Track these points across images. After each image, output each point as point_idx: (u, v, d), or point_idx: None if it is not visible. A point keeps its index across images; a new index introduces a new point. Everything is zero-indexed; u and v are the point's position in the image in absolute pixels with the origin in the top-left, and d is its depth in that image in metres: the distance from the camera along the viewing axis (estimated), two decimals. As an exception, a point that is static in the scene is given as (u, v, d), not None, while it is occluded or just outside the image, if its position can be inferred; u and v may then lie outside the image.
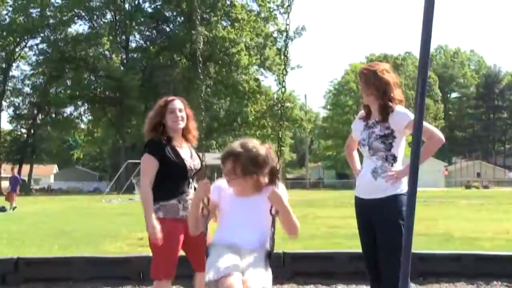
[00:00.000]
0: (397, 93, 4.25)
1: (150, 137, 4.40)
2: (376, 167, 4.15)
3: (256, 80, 63.39)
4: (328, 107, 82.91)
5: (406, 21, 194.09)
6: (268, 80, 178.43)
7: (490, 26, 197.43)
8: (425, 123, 4.27)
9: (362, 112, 4.43)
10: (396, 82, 4.30)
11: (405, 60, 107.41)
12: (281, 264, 6.88)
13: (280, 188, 3.38)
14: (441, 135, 4.13)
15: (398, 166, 4.19)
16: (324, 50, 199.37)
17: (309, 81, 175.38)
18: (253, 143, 3.41)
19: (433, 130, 4.17)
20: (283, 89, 3.80)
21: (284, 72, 3.92)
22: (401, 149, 4.25)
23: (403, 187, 4.14)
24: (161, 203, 4.22)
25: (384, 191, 4.10)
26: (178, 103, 4.47)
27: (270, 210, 3.33)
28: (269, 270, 3.20)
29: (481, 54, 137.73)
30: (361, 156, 4.55)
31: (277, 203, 3.29)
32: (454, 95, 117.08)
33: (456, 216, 16.37)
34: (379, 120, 4.19)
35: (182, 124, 4.42)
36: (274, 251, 3.34)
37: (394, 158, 4.18)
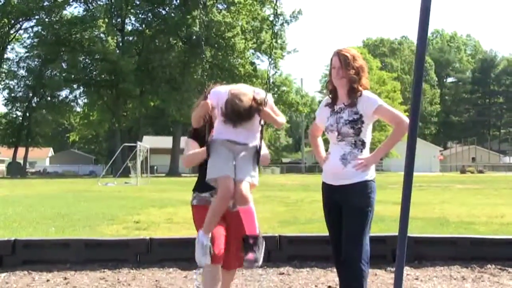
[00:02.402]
0: (367, 80, 4.25)
1: (194, 126, 4.24)
2: (345, 153, 4.13)
3: (252, 64, 63.20)
4: (324, 91, 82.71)
5: (402, 5, 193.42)
6: (264, 64, 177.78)
7: (487, 10, 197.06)
8: (391, 109, 4.29)
9: (327, 99, 4.38)
10: (366, 69, 4.31)
11: (402, 44, 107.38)
12: (277, 248, 6.93)
13: (268, 97, 4.00)
14: (408, 121, 4.10)
15: (366, 152, 4.19)
16: (321, 34, 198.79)
17: (305, 65, 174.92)
18: (242, 96, 3.85)
19: (401, 116, 4.19)
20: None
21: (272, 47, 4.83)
22: (369, 135, 4.25)
23: (371, 173, 4.17)
24: (196, 193, 4.32)
25: (353, 177, 4.09)
26: None
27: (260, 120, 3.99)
28: (256, 167, 3.95)
29: (477, 38, 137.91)
30: (325, 142, 4.56)
31: (266, 115, 3.95)
32: (450, 79, 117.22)
33: (451, 201, 16.47)
34: (347, 105, 4.15)
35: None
36: (271, 235, 3.57)
37: (363, 144, 4.17)
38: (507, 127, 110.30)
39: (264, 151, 4.15)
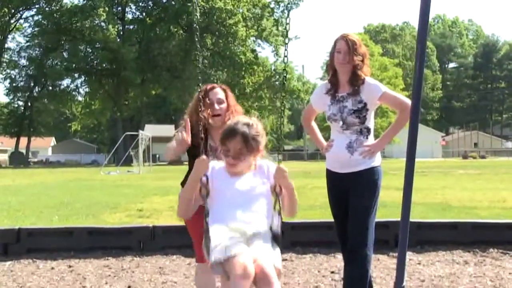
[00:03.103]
0: (368, 68, 4.23)
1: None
2: (351, 141, 4.11)
3: (253, 51, 63.09)
4: (326, 77, 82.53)
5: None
6: (265, 51, 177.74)
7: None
8: (396, 94, 4.28)
9: (326, 84, 4.31)
10: (368, 56, 4.29)
11: (403, 30, 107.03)
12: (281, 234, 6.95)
13: (273, 165, 3.20)
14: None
15: (371, 138, 4.19)
16: (322, 20, 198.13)
17: (307, 52, 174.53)
18: (252, 119, 3.22)
19: (406, 100, 4.15)
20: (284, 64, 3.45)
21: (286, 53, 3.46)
22: (373, 120, 4.26)
23: (377, 159, 4.18)
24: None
25: (360, 165, 4.09)
26: (218, 93, 3.94)
27: (274, 188, 3.10)
28: (278, 250, 3.01)
29: (479, 23, 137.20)
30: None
31: (283, 180, 3.09)
32: (452, 65, 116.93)
33: (454, 186, 16.49)
34: (351, 93, 4.12)
35: (219, 119, 3.85)
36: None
37: (368, 130, 4.16)
38: (509, 112, 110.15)
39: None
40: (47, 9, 59.58)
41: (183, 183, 3.86)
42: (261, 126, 3.23)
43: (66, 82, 64.49)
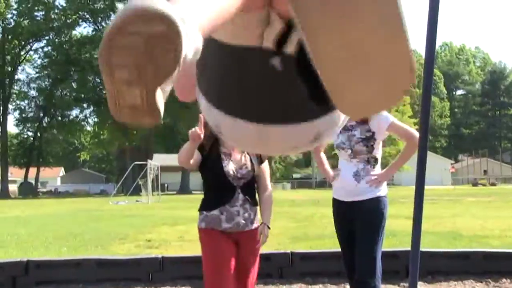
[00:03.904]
0: None
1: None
2: (358, 170, 4.14)
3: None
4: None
5: (409, 18, 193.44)
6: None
7: (495, 22, 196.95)
8: (403, 125, 4.32)
9: None
10: None
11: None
12: (290, 264, 6.90)
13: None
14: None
15: (378, 167, 4.23)
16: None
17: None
18: None
19: (413, 131, 4.21)
20: None
21: None
22: (380, 150, 4.29)
23: (383, 189, 4.20)
24: (204, 213, 3.90)
25: (366, 193, 4.11)
26: None
27: None
28: None
29: (486, 51, 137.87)
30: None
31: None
32: (459, 92, 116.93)
33: (464, 214, 16.37)
34: (359, 122, 4.16)
35: None
36: (282, 252, 3.42)
37: (376, 160, 4.19)
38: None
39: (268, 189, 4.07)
40: (56, 40, 60.30)
41: (202, 208, 3.95)
42: None
43: (75, 112, 65.00)
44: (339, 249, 4.39)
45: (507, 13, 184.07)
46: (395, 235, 9.26)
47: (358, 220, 4.13)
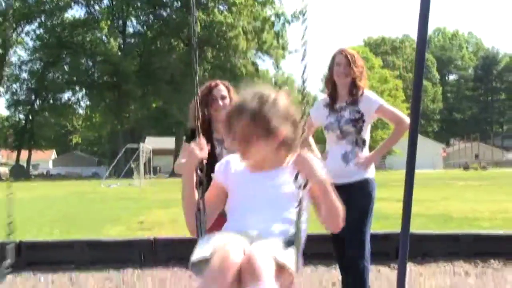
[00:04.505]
0: (366, 80, 4.30)
1: (191, 126, 4.01)
2: (346, 151, 4.17)
3: (254, 64, 63.28)
4: (325, 91, 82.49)
5: (403, 3, 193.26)
6: (266, 64, 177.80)
7: (488, 8, 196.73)
8: (392, 108, 4.35)
9: (325, 99, 4.40)
10: (365, 70, 4.37)
11: (403, 42, 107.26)
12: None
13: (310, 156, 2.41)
14: (408, 121, 4.10)
15: (366, 150, 4.27)
16: (322, 33, 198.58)
17: (307, 65, 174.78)
18: (270, 90, 2.51)
19: (402, 115, 4.25)
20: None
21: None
22: (369, 133, 4.32)
23: (371, 171, 4.25)
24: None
25: (354, 175, 4.15)
26: (221, 90, 4.10)
27: (300, 185, 2.34)
28: (290, 250, 2.28)
29: (479, 36, 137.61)
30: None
31: (307, 169, 2.33)
32: (452, 77, 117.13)
33: (455, 197, 16.44)
34: (349, 103, 4.20)
35: (223, 113, 3.73)
36: None
37: (364, 142, 4.23)
38: (509, 124, 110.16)
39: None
40: (48, 23, 59.83)
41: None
42: (287, 103, 2.52)
43: (67, 95, 64.74)
44: (329, 232, 4.42)
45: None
46: (387, 218, 9.30)
47: (347, 202, 4.15)
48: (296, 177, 2.35)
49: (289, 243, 2.29)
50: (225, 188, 2.59)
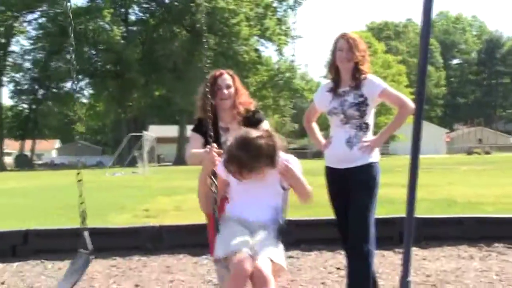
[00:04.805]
0: (369, 64, 4.30)
1: (198, 115, 4.15)
2: (350, 136, 4.16)
3: (257, 50, 63.12)
4: (329, 76, 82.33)
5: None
6: (268, 51, 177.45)
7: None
8: (396, 92, 4.34)
9: (328, 83, 4.40)
10: (368, 54, 4.36)
11: (406, 27, 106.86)
12: (286, 232, 6.98)
13: (291, 159, 3.40)
14: (412, 104, 4.11)
15: (370, 134, 4.24)
16: (325, 19, 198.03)
17: (310, 51, 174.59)
18: (251, 138, 3.21)
19: (405, 98, 4.23)
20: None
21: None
22: (372, 117, 4.30)
23: (376, 156, 4.23)
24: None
25: (359, 160, 4.14)
26: (226, 79, 4.15)
27: (283, 186, 3.40)
28: (281, 246, 3.27)
29: (482, 19, 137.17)
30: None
31: (289, 177, 3.37)
32: (455, 61, 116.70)
33: (459, 182, 16.49)
34: (352, 87, 4.19)
35: (228, 102, 4.09)
36: None
37: (367, 126, 4.21)
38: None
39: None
40: (50, 12, 59.66)
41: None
42: (263, 140, 3.21)
43: (70, 84, 64.61)
44: (334, 217, 4.45)
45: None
46: (392, 203, 9.34)
47: (351, 187, 4.17)
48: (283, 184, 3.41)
49: (278, 231, 3.35)
50: (227, 181, 3.42)
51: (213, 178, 3.48)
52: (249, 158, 3.15)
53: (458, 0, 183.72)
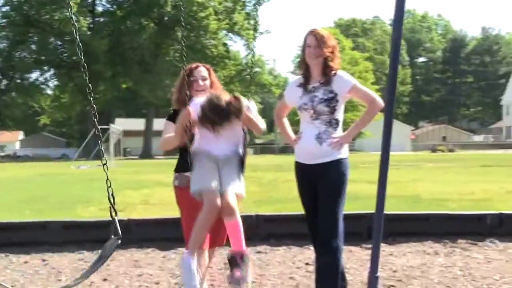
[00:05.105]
0: (339, 60, 4.32)
1: (174, 107, 4.30)
2: (320, 132, 4.18)
3: (225, 45, 62.99)
4: (297, 71, 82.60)
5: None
6: (237, 45, 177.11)
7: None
8: (365, 88, 4.40)
9: (298, 79, 4.41)
10: (338, 50, 4.38)
11: (374, 24, 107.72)
12: (255, 226, 7.02)
13: (251, 105, 4.07)
14: (381, 101, 4.20)
15: (340, 130, 4.27)
16: (293, 14, 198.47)
17: (278, 46, 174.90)
18: (221, 105, 3.82)
19: (374, 95, 4.29)
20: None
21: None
22: (342, 114, 4.34)
23: (345, 152, 4.27)
24: (177, 173, 4.26)
25: (328, 156, 4.16)
26: (202, 71, 4.36)
27: (243, 129, 4.07)
28: (241, 177, 3.95)
29: (448, 18, 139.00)
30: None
31: (249, 123, 4.01)
32: (421, 59, 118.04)
33: (424, 179, 16.73)
34: (322, 83, 4.21)
35: (203, 94, 4.19)
36: (247, 214, 3.81)
37: (337, 122, 4.24)
38: (476, 106, 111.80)
39: (261, 123, 4.17)
40: (15, 0, 58.51)
41: (176, 169, 4.30)
42: (242, 101, 3.91)
43: (35, 75, 63.43)
44: (302, 212, 4.47)
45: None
46: (358, 199, 9.45)
47: (321, 182, 4.20)
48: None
49: (239, 162, 4.01)
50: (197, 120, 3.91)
51: (188, 128, 3.88)
52: (220, 118, 3.77)
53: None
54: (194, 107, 3.90)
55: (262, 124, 4.11)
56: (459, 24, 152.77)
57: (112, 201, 3.81)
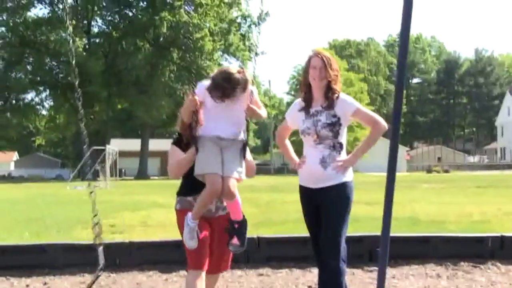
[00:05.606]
0: (340, 83, 4.34)
1: (179, 131, 4.32)
2: (324, 156, 4.19)
3: (220, 65, 63.16)
4: (292, 92, 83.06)
5: (368, 7, 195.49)
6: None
7: (450, 12, 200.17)
8: (368, 111, 4.42)
9: (299, 102, 4.41)
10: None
11: (368, 45, 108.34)
12: (256, 248, 7.00)
13: (254, 91, 4.06)
14: (384, 123, 4.24)
15: (344, 153, 4.28)
16: (288, 35, 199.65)
17: (273, 67, 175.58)
18: (232, 73, 3.88)
19: (378, 117, 4.31)
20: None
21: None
22: (345, 136, 4.35)
23: (349, 175, 4.28)
24: (180, 197, 4.27)
25: (333, 179, 4.17)
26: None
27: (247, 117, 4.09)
28: (243, 162, 4.01)
29: (441, 40, 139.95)
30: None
31: (254, 113, 4.03)
32: (415, 80, 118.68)
33: (421, 200, 16.73)
34: (325, 107, 4.22)
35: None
36: (249, 237, 3.90)
37: (341, 146, 4.25)
38: (470, 127, 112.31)
39: (250, 160, 4.26)
40: (10, 21, 58.60)
41: (179, 193, 4.30)
42: (248, 74, 3.98)
43: (30, 95, 63.36)
44: (304, 234, 4.47)
45: (462, 3, 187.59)
46: (358, 220, 9.44)
47: (325, 206, 4.20)
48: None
49: (243, 146, 4.05)
50: (202, 103, 3.98)
51: (195, 113, 3.98)
52: (231, 87, 3.82)
53: (418, 20, 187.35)
54: (201, 89, 4.03)
55: (264, 111, 4.13)
56: (453, 46, 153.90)
57: (98, 230, 3.84)
